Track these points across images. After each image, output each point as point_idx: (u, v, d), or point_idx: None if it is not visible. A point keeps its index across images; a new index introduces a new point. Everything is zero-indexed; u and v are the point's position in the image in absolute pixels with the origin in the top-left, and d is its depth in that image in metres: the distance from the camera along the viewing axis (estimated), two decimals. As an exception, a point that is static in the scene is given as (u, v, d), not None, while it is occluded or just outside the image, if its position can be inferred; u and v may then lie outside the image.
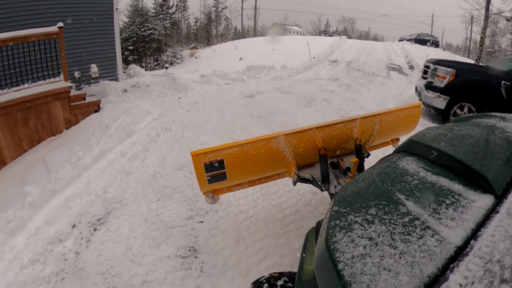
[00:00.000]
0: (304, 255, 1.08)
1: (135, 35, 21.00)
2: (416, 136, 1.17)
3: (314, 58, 12.69)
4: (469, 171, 0.87)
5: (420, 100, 5.38)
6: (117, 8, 5.75)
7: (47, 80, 4.65)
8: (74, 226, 2.35)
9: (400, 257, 0.66)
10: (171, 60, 21.15)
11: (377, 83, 8.84)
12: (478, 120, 1.23)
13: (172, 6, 29.82)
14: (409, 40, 20.70)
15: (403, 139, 1.43)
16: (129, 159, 3.39)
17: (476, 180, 0.85)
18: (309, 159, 1.89)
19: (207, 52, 20.39)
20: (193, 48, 25.31)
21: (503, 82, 4.37)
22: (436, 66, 4.98)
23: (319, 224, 1.14)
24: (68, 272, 1.94)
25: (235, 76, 9.48)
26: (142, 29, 20.93)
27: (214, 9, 40.84)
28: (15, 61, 4.42)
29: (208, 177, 1.62)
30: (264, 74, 10.08)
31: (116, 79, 6.57)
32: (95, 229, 2.29)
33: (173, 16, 29.03)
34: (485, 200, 0.78)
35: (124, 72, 7.59)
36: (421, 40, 20.42)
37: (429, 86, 4.97)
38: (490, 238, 0.64)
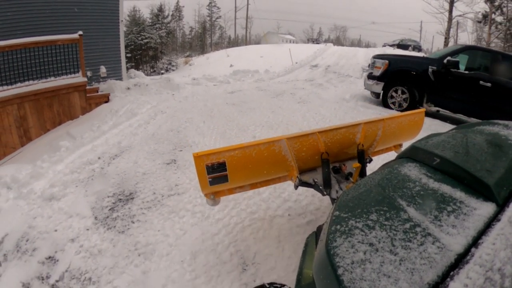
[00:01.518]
0: (303, 259, 1.13)
1: (132, 43, 22.73)
2: (419, 143, 1.22)
3: (296, 63, 14.30)
4: (472, 179, 0.89)
5: (365, 88, 6.87)
6: (122, 20, 7.31)
7: (69, 75, 6.12)
8: (99, 157, 3.78)
9: (400, 264, 0.68)
10: (167, 67, 22.72)
11: (347, 82, 10.36)
12: (482, 128, 1.25)
13: (167, 16, 31.78)
14: (391, 45, 22.59)
15: (405, 145, 1.48)
16: (135, 127, 4.84)
17: (478, 188, 0.87)
18: (311, 163, 1.95)
19: (200, 60, 22.08)
20: (187, 56, 27.13)
21: (429, 67, 5.75)
22: (375, 59, 6.44)
23: (319, 228, 1.20)
24: (95, 176, 3.34)
25: (223, 79, 11.02)
26: (139, 38, 22.70)
27: (208, 18, 43.20)
28: (45, 59, 5.88)
29: (210, 179, 1.68)
30: (248, 77, 11.61)
31: (121, 79, 8.06)
32: (113, 158, 3.72)
33: (168, 25, 30.97)
34: (486, 208, 0.79)
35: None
36: (403, 45, 22.25)
37: (370, 76, 6.38)
38: (491, 246, 0.65)
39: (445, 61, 5.65)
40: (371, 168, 1.84)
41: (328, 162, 1.86)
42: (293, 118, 4.90)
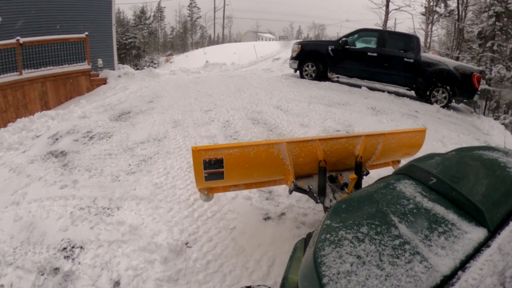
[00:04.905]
0: (290, 264, 1.23)
1: (117, 43, 25.60)
2: (417, 161, 1.32)
3: (261, 57, 17.51)
4: (465, 202, 0.96)
5: (289, 66, 9.88)
6: (114, 24, 10.34)
7: (78, 63, 9.10)
8: (108, 105, 6.80)
9: (385, 279, 0.72)
10: (149, 65, 25.64)
11: (295, 69, 13.51)
12: (481, 153, 1.32)
13: (149, 17, 34.76)
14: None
15: (403, 162, 1.67)
16: (128, 94, 7.84)
17: (471, 212, 0.92)
18: (308, 169, 2.07)
19: (180, 58, 25.32)
20: (168, 55, 30.21)
21: (329, 47, 8.83)
22: (294, 45, 9.55)
23: (309, 235, 1.30)
24: (107, 110, 6.36)
25: (195, 70, 14.12)
26: (124, 38, 25.64)
27: (189, 18, 46.43)
28: (61, 52, 8.84)
29: (206, 174, 1.79)
30: (217, 68, 14.74)
31: (113, 69, 11.06)
32: (117, 105, 6.74)
33: (150, 25, 33.97)
34: (477, 233, 0.84)
35: (115, 66, 12.09)
36: (367, 41, 25.74)
37: (291, 57, 9.53)
38: (478, 271, 0.68)
39: (340, 41, 8.79)
40: (367, 181, 1.93)
41: (325, 170, 1.97)
42: (228, 85, 8.01)
